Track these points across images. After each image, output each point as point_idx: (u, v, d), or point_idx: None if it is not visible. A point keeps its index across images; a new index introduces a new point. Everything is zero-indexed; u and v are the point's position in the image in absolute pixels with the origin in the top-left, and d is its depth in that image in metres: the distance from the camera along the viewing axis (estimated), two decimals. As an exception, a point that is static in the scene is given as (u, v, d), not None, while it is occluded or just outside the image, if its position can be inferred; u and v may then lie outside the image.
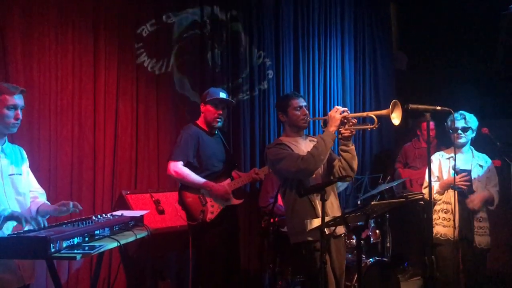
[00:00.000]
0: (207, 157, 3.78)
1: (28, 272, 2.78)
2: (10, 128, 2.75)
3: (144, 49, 4.56)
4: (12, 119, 2.73)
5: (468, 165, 3.86)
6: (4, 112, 2.69)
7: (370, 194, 4.92)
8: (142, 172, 4.51)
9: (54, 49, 4.04)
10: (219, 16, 5.05)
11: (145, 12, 4.58)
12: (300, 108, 3.31)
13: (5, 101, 2.69)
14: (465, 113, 3.88)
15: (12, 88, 2.74)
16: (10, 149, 2.87)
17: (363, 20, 6.65)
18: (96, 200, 4.24)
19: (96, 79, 4.26)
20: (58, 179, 4.03)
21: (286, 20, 5.64)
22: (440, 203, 3.89)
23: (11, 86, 2.77)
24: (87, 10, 4.22)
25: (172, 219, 4.18)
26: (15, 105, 2.72)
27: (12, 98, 2.71)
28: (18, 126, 2.79)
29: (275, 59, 5.51)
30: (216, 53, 4.99)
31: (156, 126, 4.61)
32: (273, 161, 3.20)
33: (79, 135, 4.16)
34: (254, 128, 5.26)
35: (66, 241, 2.43)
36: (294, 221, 3.15)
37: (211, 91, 3.93)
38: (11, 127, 2.75)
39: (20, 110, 2.76)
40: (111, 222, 2.90)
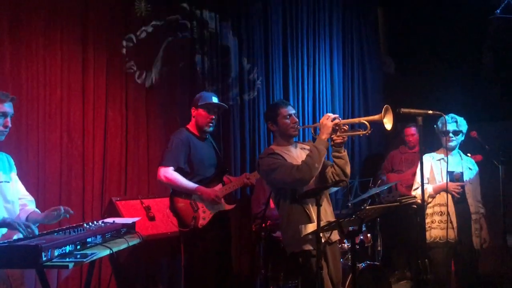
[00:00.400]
0: (198, 162, 3.76)
1: (18, 281, 2.73)
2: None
3: (133, 56, 4.53)
4: (1, 126, 2.70)
5: (458, 167, 3.90)
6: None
7: (360, 198, 4.92)
8: (132, 178, 4.48)
9: (43, 55, 4.00)
10: (208, 22, 5.04)
11: (134, 19, 4.55)
12: (289, 116, 3.28)
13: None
14: (456, 117, 3.91)
15: (3, 96, 2.72)
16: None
17: (351, 24, 6.68)
18: (85, 207, 4.20)
19: (84, 85, 4.23)
20: (46, 186, 3.99)
21: (274, 25, 5.64)
22: (432, 206, 3.90)
23: (1, 93, 2.74)
24: (76, 17, 4.19)
25: (163, 226, 4.15)
26: (4, 112, 2.71)
27: (2, 105, 2.70)
28: (7, 133, 2.76)
29: (264, 64, 5.51)
30: (205, 59, 4.98)
31: (145, 131, 4.57)
32: (267, 171, 3.16)
33: (67, 141, 4.12)
34: (244, 133, 5.24)
35: (58, 249, 2.39)
36: (290, 231, 3.11)
37: (204, 96, 3.91)
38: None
39: (10, 117, 2.74)
40: (103, 230, 2.86)
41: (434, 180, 3.93)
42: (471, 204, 3.84)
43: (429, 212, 3.90)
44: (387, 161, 5.83)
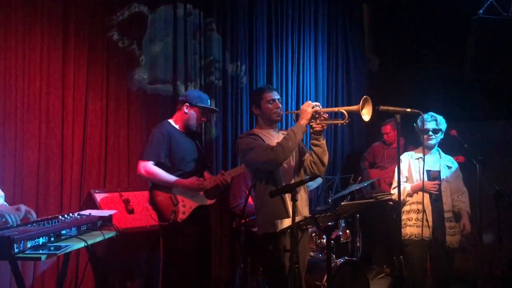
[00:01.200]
0: (179, 157, 3.73)
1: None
2: None
3: (115, 45, 4.48)
4: None
5: (436, 165, 3.93)
6: None
7: (341, 194, 4.96)
8: (111, 171, 4.43)
9: (22, 44, 3.93)
10: (192, 15, 5.00)
11: (116, 6, 4.50)
12: (273, 101, 3.31)
13: None
14: (436, 115, 3.94)
15: None
16: None
17: (337, 20, 6.70)
18: (63, 199, 4.15)
19: (64, 75, 4.17)
20: (24, 177, 3.93)
21: (259, 19, 5.62)
22: (410, 203, 3.94)
23: None
24: (56, 5, 4.11)
25: (142, 219, 4.12)
26: None
27: None
28: None
29: (248, 59, 5.50)
30: (188, 52, 4.95)
31: (126, 123, 4.53)
32: (244, 150, 3.19)
33: (46, 132, 4.06)
34: (226, 130, 5.23)
35: (31, 241, 2.37)
36: (263, 212, 3.15)
37: (202, 97, 3.90)
38: None
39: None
40: (78, 222, 2.84)
41: (412, 178, 3.96)
42: (445, 202, 3.88)
43: (406, 209, 3.94)
44: (368, 153, 5.88)
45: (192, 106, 3.82)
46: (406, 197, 3.93)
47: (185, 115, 3.82)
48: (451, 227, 3.87)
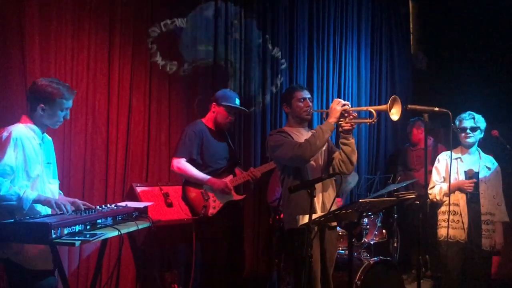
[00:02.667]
0: (210, 154, 3.88)
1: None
2: (56, 125, 3.02)
3: (158, 47, 4.67)
4: (62, 118, 2.98)
5: (475, 166, 3.85)
6: (58, 113, 2.94)
7: (379, 193, 4.92)
8: (153, 166, 4.63)
9: (71, 44, 4.17)
10: (233, 13, 5.12)
11: (160, 9, 4.69)
12: (303, 100, 3.38)
13: (62, 105, 2.93)
14: (474, 113, 3.88)
15: (69, 93, 2.96)
16: (47, 139, 3.08)
17: (381, 18, 6.63)
18: (108, 192, 4.37)
19: (110, 74, 4.39)
20: (71, 170, 4.18)
21: (301, 18, 5.67)
22: (447, 204, 3.88)
23: (67, 89, 2.96)
24: (102, 8, 4.34)
25: (180, 212, 4.27)
26: (68, 107, 2.98)
27: (68, 102, 2.96)
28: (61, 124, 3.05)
29: (289, 57, 5.56)
30: (229, 50, 5.07)
31: (167, 121, 4.71)
32: (273, 147, 3.27)
33: (92, 128, 4.30)
34: (265, 127, 5.31)
35: (68, 228, 2.56)
36: (290, 208, 3.21)
37: (228, 95, 4.01)
38: (57, 125, 3.02)
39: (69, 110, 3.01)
40: (114, 212, 3.01)
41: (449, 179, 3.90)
42: (482, 204, 3.80)
43: (442, 210, 3.89)
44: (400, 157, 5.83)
45: (218, 105, 3.95)
46: (443, 197, 3.88)
47: (213, 114, 3.95)
48: (487, 230, 3.79)
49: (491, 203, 3.86)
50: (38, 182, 2.88)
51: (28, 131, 2.88)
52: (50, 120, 2.94)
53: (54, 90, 2.88)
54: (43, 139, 2.99)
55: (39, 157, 2.91)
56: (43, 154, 2.95)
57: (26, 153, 2.81)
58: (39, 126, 2.94)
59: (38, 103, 2.88)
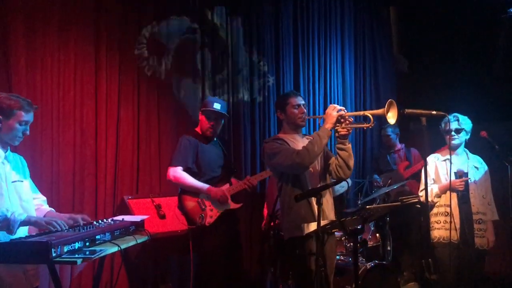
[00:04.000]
0: (205, 163, 3.85)
1: (34, 276, 2.84)
2: (16, 141, 2.85)
3: (144, 56, 4.61)
4: (20, 133, 2.82)
5: (464, 166, 3.90)
6: (15, 126, 2.79)
7: (370, 197, 4.95)
8: (143, 178, 4.56)
9: (57, 56, 4.11)
10: (219, 21, 5.10)
11: (145, 19, 4.64)
12: (298, 107, 3.36)
13: (19, 117, 2.79)
14: (458, 115, 3.93)
15: (28, 106, 2.83)
16: (12, 157, 2.95)
17: (363, 23, 6.67)
18: (98, 205, 4.30)
19: (97, 85, 4.33)
20: (60, 184, 4.09)
21: (285, 24, 5.67)
22: (438, 206, 3.91)
23: (27, 103, 2.84)
24: (88, 19, 4.29)
25: (173, 224, 4.22)
26: (28, 121, 2.84)
27: (28, 114, 2.82)
28: (21, 140, 2.89)
29: (275, 64, 5.55)
30: (216, 58, 5.04)
31: (157, 131, 4.66)
32: (269, 154, 3.24)
33: (81, 141, 4.22)
34: (254, 134, 5.29)
35: (67, 245, 2.47)
36: (290, 216, 3.18)
37: (207, 101, 4.01)
38: (16, 140, 2.85)
39: (29, 126, 2.86)
40: (112, 227, 2.94)
41: (439, 180, 3.94)
42: (473, 204, 3.84)
43: (434, 212, 3.92)
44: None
45: (201, 113, 3.94)
46: (434, 198, 3.91)
47: (200, 122, 3.94)
48: (479, 229, 3.83)
49: (482, 203, 3.91)
50: (3, 202, 2.76)
51: None
52: (8, 135, 2.80)
53: (12, 102, 2.77)
54: (6, 157, 2.87)
55: (2, 176, 2.80)
56: (7, 173, 2.83)
57: None
58: (1, 144, 2.83)
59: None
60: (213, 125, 3.94)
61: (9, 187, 2.83)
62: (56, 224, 2.71)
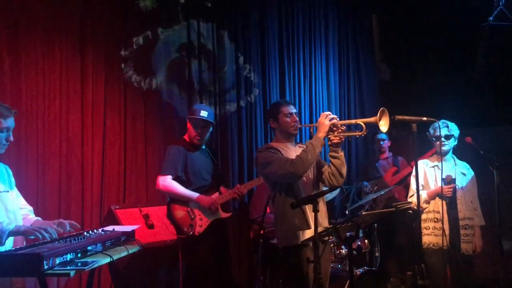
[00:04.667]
0: (195, 171, 3.82)
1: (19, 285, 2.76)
2: (1, 149, 2.77)
3: (131, 65, 4.58)
4: (3, 140, 2.74)
5: (452, 172, 3.94)
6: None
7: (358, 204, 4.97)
8: (130, 187, 4.51)
9: (42, 65, 4.04)
10: (205, 30, 5.09)
11: (132, 28, 4.60)
12: (290, 115, 3.35)
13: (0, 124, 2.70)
14: (447, 122, 3.98)
15: (6, 111, 2.75)
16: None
17: (347, 32, 6.76)
18: (84, 214, 4.22)
19: (83, 94, 4.26)
20: (46, 194, 4.01)
21: (271, 33, 5.71)
22: (427, 212, 3.95)
23: (5, 108, 2.77)
24: (73, 27, 4.23)
25: (162, 233, 4.18)
26: (8, 127, 2.75)
27: (6, 121, 2.73)
28: (7, 147, 2.79)
29: (261, 72, 5.57)
30: (202, 67, 5.03)
31: (144, 140, 4.61)
32: (263, 164, 3.23)
33: (67, 150, 4.15)
34: (241, 142, 5.28)
35: (59, 257, 2.40)
36: (284, 225, 3.17)
37: (194, 109, 3.99)
38: (1, 148, 2.77)
39: (11, 131, 2.77)
40: (103, 238, 2.88)
41: (428, 186, 3.99)
42: (460, 210, 3.89)
43: (423, 218, 3.95)
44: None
45: (188, 120, 3.93)
46: (423, 204, 3.94)
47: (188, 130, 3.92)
48: (466, 235, 3.88)
49: (469, 208, 3.96)
50: None
51: None
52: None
53: None
54: None
55: None
56: None
57: None
58: None
59: None
60: (200, 133, 3.91)
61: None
62: (45, 232, 2.64)
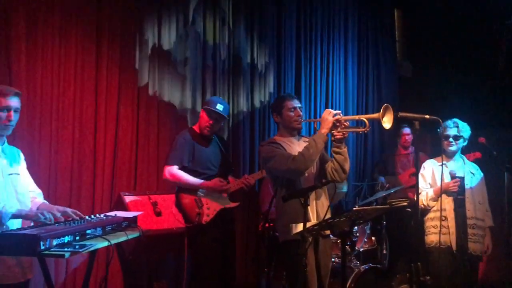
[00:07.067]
0: (202, 161, 3.87)
1: (28, 268, 2.87)
2: (3, 129, 2.83)
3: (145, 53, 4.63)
4: (4, 120, 2.80)
5: (460, 172, 3.89)
6: None
7: (367, 200, 4.95)
8: (141, 175, 4.58)
9: (58, 52, 4.12)
10: (221, 25, 5.11)
11: (146, 17, 4.66)
12: (294, 109, 3.35)
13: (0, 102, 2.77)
14: (458, 121, 3.91)
15: (6, 90, 2.82)
16: (9, 150, 2.97)
17: (367, 26, 6.70)
18: (95, 200, 4.31)
19: (98, 82, 4.34)
20: (58, 180, 4.11)
21: (288, 27, 5.70)
22: (433, 211, 3.91)
23: (5, 88, 2.85)
24: (90, 14, 4.30)
25: (169, 221, 4.24)
26: (8, 106, 2.79)
27: (5, 99, 2.78)
28: (12, 127, 2.87)
29: (277, 68, 5.57)
30: (218, 61, 5.05)
31: (156, 129, 4.68)
32: (265, 158, 3.25)
33: (79, 137, 4.24)
34: (253, 132, 5.30)
35: (57, 239, 2.48)
36: (284, 219, 3.19)
37: (211, 100, 4.02)
38: (3, 129, 2.83)
39: (14, 112, 2.83)
40: (103, 222, 2.95)
41: (436, 185, 3.93)
42: (468, 209, 3.83)
43: (430, 217, 3.91)
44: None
45: (203, 109, 3.95)
46: (430, 201, 3.89)
47: (200, 119, 3.95)
48: (474, 234, 3.82)
49: (478, 209, 3.90)
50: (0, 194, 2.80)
51: None
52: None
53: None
54: (3, 150, 2.89)
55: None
56: (4, 166, 2.86)
57: None
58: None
59: None
60: (212, 124, 3.95)
61: (5, 179, 2.87)
62: (42, 216, 2.72)
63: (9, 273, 2.75)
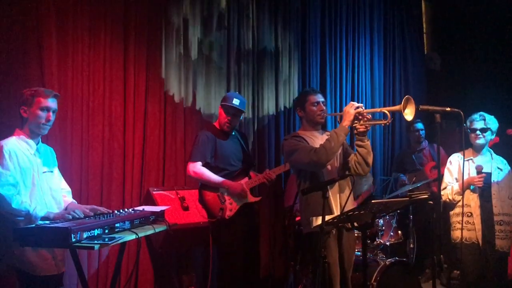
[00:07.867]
0: (224, 157, 3.93)
1: (62, 261, 3.03)
2: (41, 129, 2.99)
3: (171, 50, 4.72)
4: (43, 120, 2.96)
5: (487, 167, 3.84)
6: (37, 113, 2.95)
7: (393, 194, 4.94)
8: (169, 170, 4.69)
9: (87, 53, 4.27)
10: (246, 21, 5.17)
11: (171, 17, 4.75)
12: (317, 104, 3.40)
13: (39, 103, 2.95)
14: (485, 114, 3.86)
15: (47, 92, 3.01)
16: (43, 149, 3.12)
17: (394, 19, 6.63)
18: (125, 196, 4.45)
19: (126, 81, 4.47)
20: (89, 176, 4.26)
21: (313, 20, 5.70)
22: (460, 206, 3.87)
23: (46, 90, 3.04)
24: (118, 15, 4.43)
25: (196, 216, 4.33)
26: (47, 107, 2.98)
27: (46, 100, 2.97)
28: (49, 128, 3.03)
29: (301, 62, 5.59)
30: (242, 56, 5.12)
31: (183, 126, 4.78)
32: (288, 152, 3.31)
33: (109, 135, 4.38)
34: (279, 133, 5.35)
35: (87, 232, 2.61)
36: (307, 212, 3.24)
37: (228, 95, 4.09)
38: (42, 128, 2.99)
39: (53, 112, 3.00)
40: (132, 216, 3.07)
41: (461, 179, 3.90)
42: (495, 205, 3.79)
43: (456, 212, 3.88)
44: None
45: (220, 106, 4.03)
46: (455, 196, 3.86)
47: (219, 116, 4.02)
48: (501, 231, 3.77)
49: (507, 204, 3.83)
50: (36, 192, 2.95)
51: (20, 142, 2.94)
52: (33, 123, 2.95)
53: (32, 91, 2.96)
54: (38, 149, 3.04)
55: (35, 167, 2.97)
56: (39, 164, 3.01)
57: (20, 164, 2.88)
58: (31, 136, 2.99)
59: (20, 108, 2.95)
60: (230, 119, 4.01)
61: (41, 177, 3.02)
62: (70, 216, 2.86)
63: (45, 265, 2.90)
